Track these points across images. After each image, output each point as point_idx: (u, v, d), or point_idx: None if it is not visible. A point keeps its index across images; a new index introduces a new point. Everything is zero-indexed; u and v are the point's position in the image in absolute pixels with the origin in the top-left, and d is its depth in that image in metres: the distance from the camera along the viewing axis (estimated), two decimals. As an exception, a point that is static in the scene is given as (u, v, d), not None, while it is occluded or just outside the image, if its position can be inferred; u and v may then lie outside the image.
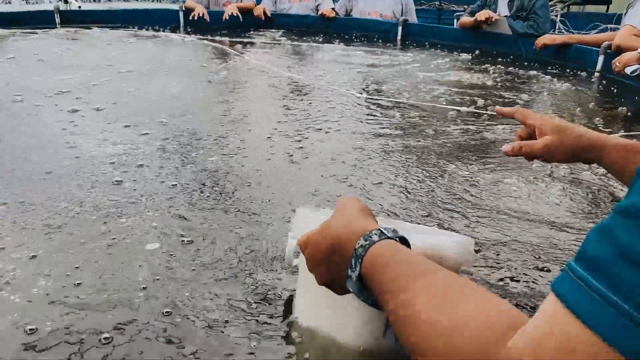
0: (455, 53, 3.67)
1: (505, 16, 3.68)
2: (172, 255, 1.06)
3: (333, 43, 4.02)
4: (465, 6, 8.01)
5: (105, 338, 0.81)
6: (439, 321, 0.51)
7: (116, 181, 1.40)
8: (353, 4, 4.76)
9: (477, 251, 1.10)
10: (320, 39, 4.17)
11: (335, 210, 0.77)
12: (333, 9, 4.62)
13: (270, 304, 0.92)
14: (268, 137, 1.83)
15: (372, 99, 2.42)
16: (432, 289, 0.56)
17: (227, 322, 0.87)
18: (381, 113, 2.19)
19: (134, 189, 1.36)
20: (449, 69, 3.20)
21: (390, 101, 2.38)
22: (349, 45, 3.98)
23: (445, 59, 3.50)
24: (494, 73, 3.08)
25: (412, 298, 0.56)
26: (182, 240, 1.12)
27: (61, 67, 2.78)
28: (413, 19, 4.57)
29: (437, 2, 7.56)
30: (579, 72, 3.18)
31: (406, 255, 0.63)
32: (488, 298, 0.54)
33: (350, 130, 1.95)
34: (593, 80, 3.05)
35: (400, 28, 4.25)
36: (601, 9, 7.62)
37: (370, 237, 0.66)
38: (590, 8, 7.79)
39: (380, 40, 4.20)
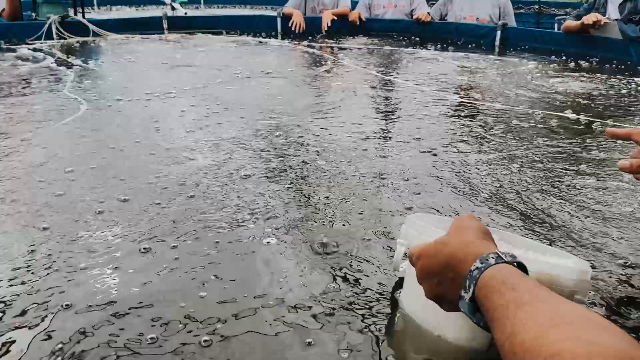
0: (558, 58, 3.52)
1: (616, 19, 3.47)
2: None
3: (428, 48, 3.99)
4: (567, 9, 7.69)
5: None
6: (540, 355, 0.50)
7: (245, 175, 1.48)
8: (448, 8, 4.68)
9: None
10: (415, 44, 4.15)
11: (453, 227, 0.78)
12: (428, 13, 4.58)
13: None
14: (363, 138, 1.85)
15: (468, 103, 2.38)
16: (538, 318, 0.55)
17: (333, 310, 0.90)
18: (477, 117, 2.15)
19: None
20: (551, 75, 3.07)
21: (487, 106, 2.33)
22: (444, 49, 3.93)
23: (547, 64, 3.36)
24: (601, 80, 2.93)
25: (515, 328, 0.56)
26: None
27: (173, 69, 2.97)
28: (512, 22, 4.42)
29: (535, 6, 7.26)
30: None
31: (518, 281, 0.62)
32: (602, 328, 0.52)
33: (442, 133, 1.94)
34: None
35: (498, 32, 4.13)
36: None
37: (487, 260, 0.66)
38: None
39: (477, 45, 4.10)
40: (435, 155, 1.72)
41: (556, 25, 5.92)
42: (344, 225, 1.23)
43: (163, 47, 3.78)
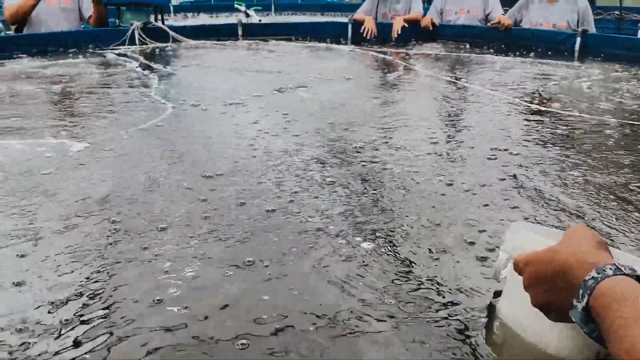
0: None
1: None
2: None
3: (502, 54, 3.90)
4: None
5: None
6: None
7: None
8: (523, 14, 4.56)
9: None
10: (489, 50, 4.06)
11: (566, 236, 0.76)
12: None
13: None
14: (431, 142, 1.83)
15: (548, 111, 2.30)
16: None
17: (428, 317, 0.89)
18: (559, 127, 2.08)
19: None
20: (637, 84, 2.93)
21: (569, 115, 2.24)
22: (520, 56, 3.82)
23: (633, 72, 3.21)
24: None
25: (636, 344, 0.54)
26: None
27: (247, 74, 3.05)
28: (592, 29, 4.25)
29: (616, 12, 6.94)
30: None
31: (638, 294, 0.60)
32: None
33: (521, 142, 1.88)
34: None
35: (578, 39, 3.98)
36: None
37: (604, 270, 0.64)
38: None
39: (555, 52, 3.96)
40: (520, 166, 1.68)
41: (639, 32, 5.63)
42: (433, 233, 1.22)
43: (237, 52, 3.89)
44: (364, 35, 4.46)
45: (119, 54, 3.65)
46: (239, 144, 1.81)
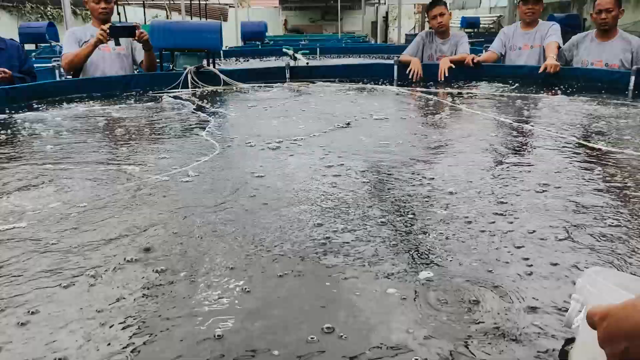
0: None
1: None
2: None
3: (553, 94, 3.84)
4: None
5: None
6: None
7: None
8: (573, 54, 4.50)
9: None
10: (539, 89, 4.01)
11: None
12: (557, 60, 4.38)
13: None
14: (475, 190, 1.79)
15: (604, 150, 2.23)
16: None
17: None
18: (618, 166, 2.01)
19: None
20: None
21: (627, 154, 2.17)
22: (570, 94, 3.76)
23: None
24: None
25: None
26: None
27: (296, 115, 3.10)
28: (648, 68, 4.14)
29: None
30: None
31: None
32: None
33: (579, 181, 1.82)
34: None
35: (632, 77, 3.88)
36: None
37: None
38: None
39: (608, 91, 3.87)
40: (581, 206, 1.62)
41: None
42: (491, 272, 1.18)
43: (286, 94, 3.97)
44: (410, 77, 4.49)
45: (175, 97, 3.79)
46: (289, 187, 1.83)
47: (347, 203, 1.63)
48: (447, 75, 4.42)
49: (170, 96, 3.82)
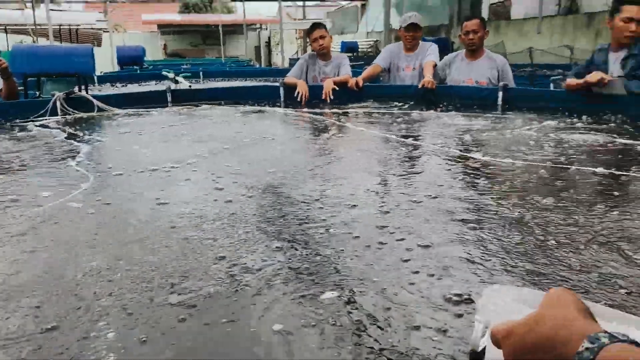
0: (565, 115, 3.53)
1: (620, 76, 3.51)
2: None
3: (432, 110, 4.01)
4: (559, 70, 7.89)
5: None
6: None
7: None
8: (447, 73, 4.77)
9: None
10: (420, 107, 4.17)
11: (546, 302, 0.70)
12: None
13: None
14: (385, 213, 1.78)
15: (481, 160, 2.33)
16: None
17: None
18: (497, 175, 2.10)
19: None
20: (564, 131, 3.06)
21: (501, 163, 2.28)
22: (447, 111, 3.95)
23: (557, 121, 3.36)
24: (616, 134, 2.91)
25: None
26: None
27: (178, 140, 2.93)
28: (512, 84, 4.49)
29: (528, 68, 7.47)
30: None
31: None
32: None
33: (461, 193, 1.87)
34: None
35: (500, 93, 4.18)
36: None
37: (598, 339, 0.59)
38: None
39: (480, 107, 4.13)
40: (465, 222, 1.64)
41: (552, 85, 6.03)
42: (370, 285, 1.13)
43: (167, 119, 3.78)
44: (298, 99, 4.48)
45: (41, 126, 3.45)
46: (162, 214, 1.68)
47: (242, 226, 1.52)
48: (331, 97, 4.48)
49: (36, 125, 3.47)
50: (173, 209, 1.72)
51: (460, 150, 2.58)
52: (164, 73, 5.48)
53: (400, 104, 4.34)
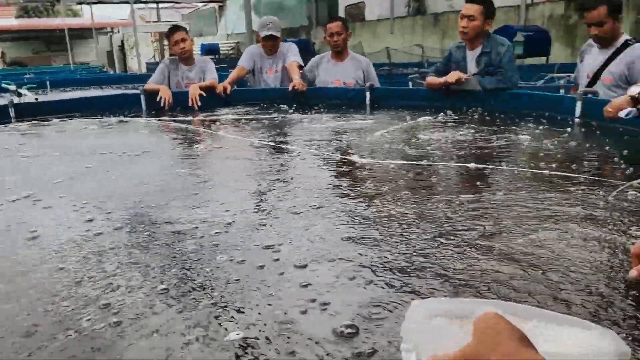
0: (429, 113, 3.68)
1: (474, 74, 3.75)
2: None
3: (302, 112, 3.98)
4: (415, 68, 8.35)
5: None
6: None
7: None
8: (315, 75, 4.78)
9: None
10: (289, 110, 4.12)
11: (480, 334, 0.64)
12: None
13: None
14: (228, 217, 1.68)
15: (356, 162, 2.32)
16: None
17: None
18: (372, 174, 2.09)
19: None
20: (429, 128, 3.18)
21: (375, 163, 2.29)
22: (318, 113, 3.94)
23: (422, 118, 3.49)
24: (477, 128, 3.08)
25: None
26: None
27: (26, 161, 2.57)
28: (377, 84, 4.62)
29: (386, 67, 7.79)
30: (558, 119, 3.23)
31: None
32: None
33: (340, 196, 1.84)
34: (573, 126, 3.10)
35: (368, 93, 4.27)
36: (542, 60, 8.06)
37: None
38: (531, 60, 8.21)
39: (349, 107, 4.19)
40: (347, 226, 1.59)
41: (410, 83, 6.35)
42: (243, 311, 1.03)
43: (12, 139, 3.32)
44: (162, 104, 4.21)
45: None
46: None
47: (113, 261, 1.31)
48: (199, 103, 4.27)
49: None
50: (28, 246, 1.46)
51: (338, 154, 2.55)
52: (4, 85, 4.86)
53: (271, 108, 4.25)
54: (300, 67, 4.73)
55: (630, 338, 0.94)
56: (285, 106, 4.28)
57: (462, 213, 1.64)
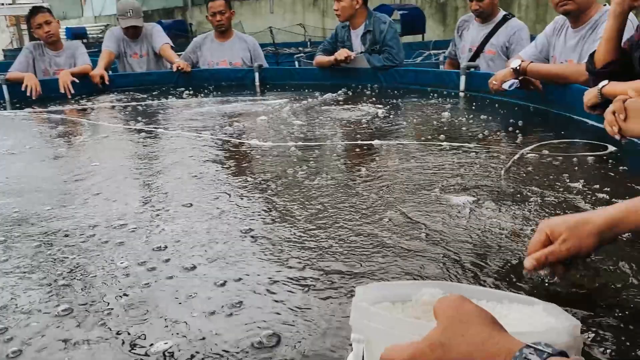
0: (320, 92, 3.64)
1: (362, 52, 3.77)
2: None
3: (186, 96, 3.76)
4: (301, 48, 8.33)
5: None
6: None
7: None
8: (198, 56, 4.55)
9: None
10: (173, 94, 3.88)
11: (444, 319, 0.59)
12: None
13: None
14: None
15: (245, 144, 2.23)
16: None
17: None
18: (263, 158, 2.02)
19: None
20: (323, 107, 3.15)
21: (266, 146, 2.22)
22: (204, 96, 3.75)
23: (313, 98, 3.45)
24: (370, 106, 3.10)
25: None
26: None
27: None
28: (265, 63, 4.50)
29: (271, 48, 7.68)
30: (444, 93, 3.35)
31: None
32: None
33: (233, 181, 1.75)
34: (459, 99, 3.22)
35: (257, 74, 4.15)
36: (417, 38, 8.37)
37: (527, 359, 0.51)
38: (407, 38, 8.51)
39: (237, 88, 4.04)
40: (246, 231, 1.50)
41: (296, 62, 6.30)
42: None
43: None
44: (28, 93, 3.76)
45: None
46: None
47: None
48: (72, 90, 3.88)
49: None
50: None
51: (232, 138, 2.43)
52: None
53: (153, 93, 3.97)
54: (172, 49, 4.52)
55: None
56: (170, 90, 4.03)
57: (360, 186, 1.61)
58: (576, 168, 1.75)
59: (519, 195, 1.52)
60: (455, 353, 0.55)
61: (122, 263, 1.20)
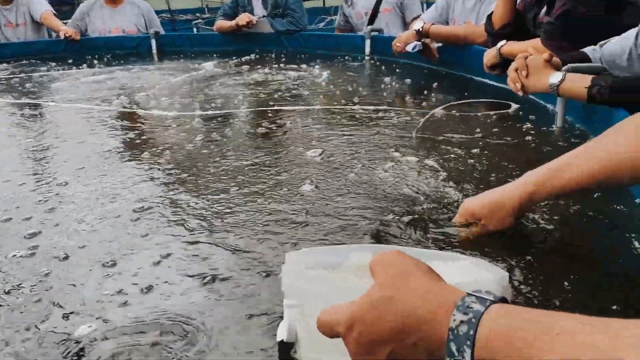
0: (224, 58, 3.50)
1: (264, 16, 3.66)
2: None
3: (78, 68, 3.46)
4: (198, 14, 7.97)
5: None
6: None
7: None
8: (86, 23, 4.21)
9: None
10: (62, 65, 3.55)
11: (382, 274, 0.56)
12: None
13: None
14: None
15: (145, 114, 2.11)
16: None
17: None
18: (169, 128, 1.92)
19: None
20: (227, 73, 3.03)
21: (180, 115, 2.11)
22: (99, 66, 3.48)
23: (216, 64, 3.31)
24: (274, 71, 3.02)
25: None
26: None
27: None
28: (161, 30, 4.25)
29: (166, 14, 7.28)
30: (349, 58, 3.33)
31: (536, 323, 0.46)
32: None
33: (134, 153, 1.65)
34: (365, 63, 3.23)
35: (153, 41, 3.91)
36: (318, 3, 8.31)
37: (470, 307, 0.49)
38: (309, 4, 8.41)
39: (134, 56, 3.79)
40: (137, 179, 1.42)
41: (195, 29, 6.04)
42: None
43: None
44: None
45: None
46: None
47: None
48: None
49: None
50: None
51: (129, 108, 2.27)
52: None
53: (39, 64, 3.62)
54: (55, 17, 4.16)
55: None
56: (55, 62, 3.68)
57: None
58: (484, 125, 1.80)
59: (435, 152, 1.54)
60: (399, 306, 0.53)
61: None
